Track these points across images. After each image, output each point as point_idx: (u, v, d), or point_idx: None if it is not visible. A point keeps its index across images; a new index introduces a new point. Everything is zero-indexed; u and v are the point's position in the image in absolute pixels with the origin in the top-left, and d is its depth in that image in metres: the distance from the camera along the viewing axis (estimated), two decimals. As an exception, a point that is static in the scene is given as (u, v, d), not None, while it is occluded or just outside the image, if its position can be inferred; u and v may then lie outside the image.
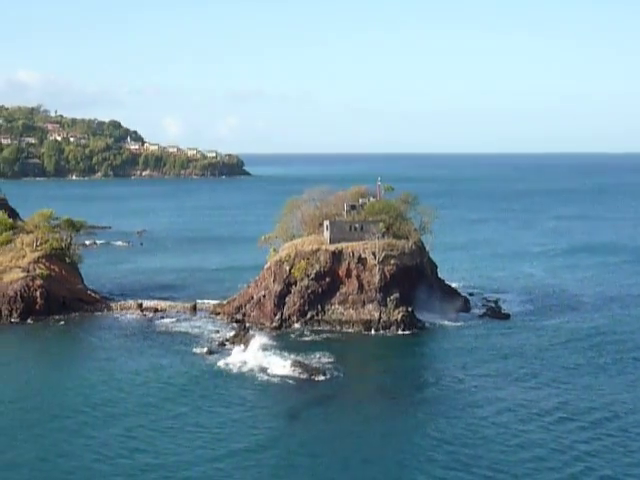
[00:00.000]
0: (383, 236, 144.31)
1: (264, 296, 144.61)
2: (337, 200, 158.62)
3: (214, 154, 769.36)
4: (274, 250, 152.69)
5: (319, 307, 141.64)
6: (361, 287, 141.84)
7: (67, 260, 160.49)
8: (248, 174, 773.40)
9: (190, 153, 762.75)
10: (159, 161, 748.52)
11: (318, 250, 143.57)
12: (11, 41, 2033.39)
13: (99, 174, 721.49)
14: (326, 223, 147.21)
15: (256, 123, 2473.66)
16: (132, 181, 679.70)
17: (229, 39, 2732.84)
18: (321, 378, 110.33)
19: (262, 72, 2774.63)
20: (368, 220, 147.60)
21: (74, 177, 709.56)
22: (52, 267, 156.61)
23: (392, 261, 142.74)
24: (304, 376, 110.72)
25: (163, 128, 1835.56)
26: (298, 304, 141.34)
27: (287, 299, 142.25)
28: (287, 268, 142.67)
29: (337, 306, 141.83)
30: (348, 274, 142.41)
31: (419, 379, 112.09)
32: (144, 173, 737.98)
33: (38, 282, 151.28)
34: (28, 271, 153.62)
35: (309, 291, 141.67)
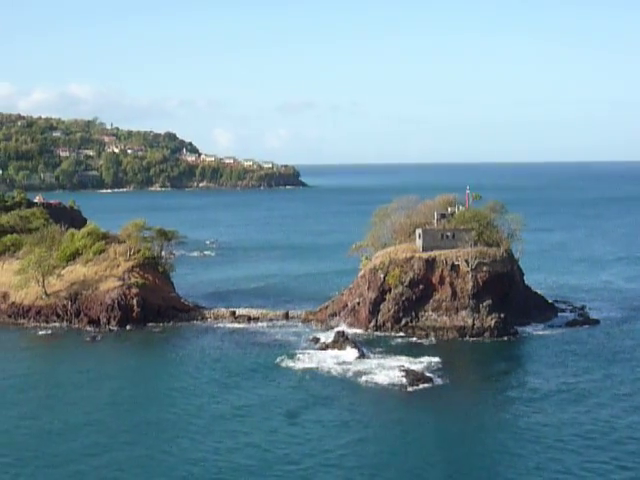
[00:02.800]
0: (475, 244, 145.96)
1: (359, 303, 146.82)
2: (426, 209, 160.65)
3: (270, 165, 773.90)
4: (366, 258, 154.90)
5: (413, 314, 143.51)
6: (454, 294, 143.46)
7: (160, 269, 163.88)
8: (304, 185, 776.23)
9: (246, 164, 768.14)
10: (215, 172, 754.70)
11: (412, 258, 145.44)
12: (63, 55, 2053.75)
13: (156, 186, 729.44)
14: (418, 231, 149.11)
15: (306, 134, 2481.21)
16: (189, 192, 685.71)
17: (279, 51, 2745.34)
18: (424, 383, 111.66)
19: (312, 84, 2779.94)
20: (459, 228, 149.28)
21: (132, 189, 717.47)
22: (146, 276, 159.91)
23: (484, 268, 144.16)
24: (407, 381, 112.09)
25: (213, 139, 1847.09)
26: (392, 311, 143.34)
27: (382, 306, 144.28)
28: (381, 276, 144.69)
29: (431, 313, 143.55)
30: (441, 281, 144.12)
31: (522, 385, 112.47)
32: (201, 184, 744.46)
33: (134, 291, 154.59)
34: (123, 280, 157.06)
35: (403, 298, 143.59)
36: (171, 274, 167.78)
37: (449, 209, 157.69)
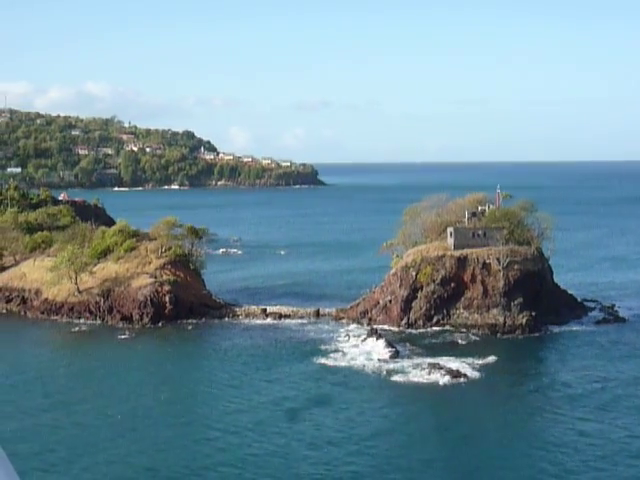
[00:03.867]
0: (507, 242, 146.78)
1: (390, 301, 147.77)
2: (456, 207, 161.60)
3: (288, 163, 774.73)
4: (397, 256, 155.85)
5: (445, 311, 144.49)
6: (486, 292, 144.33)
7: (191, 266, 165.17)
8: (323, 183, 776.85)
9: (265, 163, 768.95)
10: (234, 171, 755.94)
11: (443, 256, 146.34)
12: (79, 54, 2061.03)
13: (175, 184, 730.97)
14: (450, 230, 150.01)
15: (322, 133, 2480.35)
16: (208, 191, 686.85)
17: (294, 50, 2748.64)
18: (458, 380, 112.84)
19: (328, 82, 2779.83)
20: (490, 227, 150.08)
21: (150, 187, 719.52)
22: (177, 273, 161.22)
23: (515, 267, 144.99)
24: (441, 378, 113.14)
25: (230, 138, 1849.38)
26: (424, 308, 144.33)
27: (413, 303, 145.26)
28: (413, 273, 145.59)
29: (462, 310, 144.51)
30: (473, 279, 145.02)
31: (555, 381, 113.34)
32: (219, 183, 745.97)
33: (166, 288, 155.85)
34: (155, 277, 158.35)
35: (435, 296, 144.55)
36: (202, 271, 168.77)
37: (479, 208, 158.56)
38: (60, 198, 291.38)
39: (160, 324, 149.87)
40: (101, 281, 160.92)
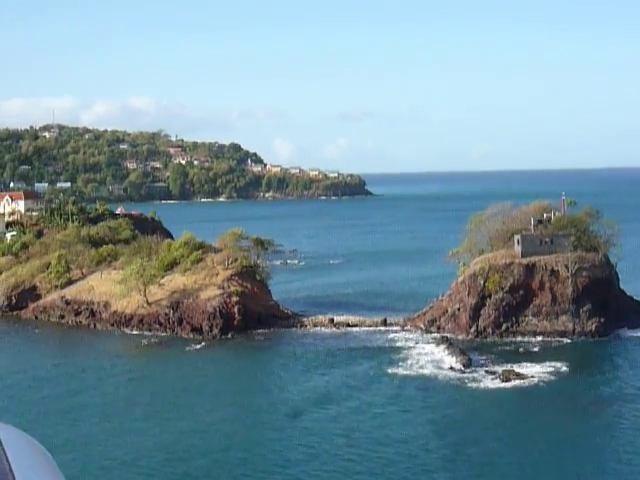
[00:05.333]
0: (575, 249, 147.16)
1: (459, 309, 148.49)
2: (521, 215, 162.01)
3: (336, 174, 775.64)
4: (463, 264, 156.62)
5: (513, 319, 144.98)
6: (554, 299, 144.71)
7: (257, 277, 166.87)
8: (370, 194, 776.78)
9: (312, 174, 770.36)
10: (281, 182, 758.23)
11: (511, 264, 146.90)
12: (122, 68, 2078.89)
13: (223, 196, 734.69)
14: (517, 237, 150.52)
15: (366, 143, 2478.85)
16: (257, 202, 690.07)
17: (337, 62, 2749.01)
18: (537, 386, 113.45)
19: (371, 93, 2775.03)
20: (557, 234, 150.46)
21: (199, 199, 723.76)
22: (245, 284, 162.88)
23: (584, 273, 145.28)
24: (518, 385, 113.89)
25: (273, 149, 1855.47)
26: (493, 316, 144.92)
27: (482, 311, 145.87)
28: (481, 281, 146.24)
29: (531, 317, 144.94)
30: (541, 286, 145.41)
31: (630, 386, 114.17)
32: (267, 194, 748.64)
33: (235, 299, 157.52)
34: (223, 288, 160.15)
35: (504, 303, 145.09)
36: (267, 282, 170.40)
37: (545, 215, 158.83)
38: (117, 212, 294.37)
39: (230, 335, 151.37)
40: (169, 293, 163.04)
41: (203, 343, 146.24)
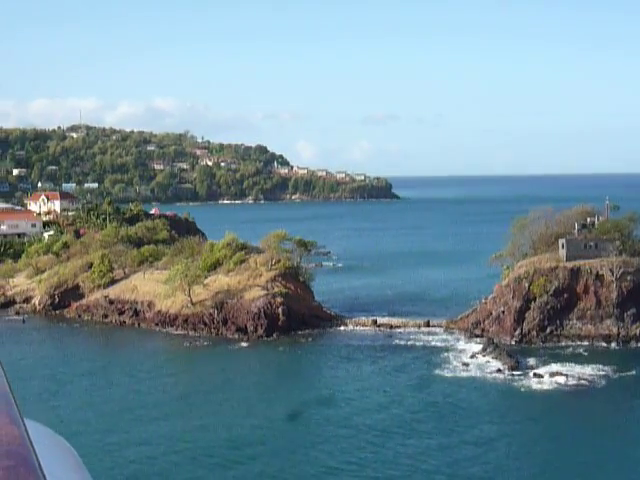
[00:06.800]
0: (620, 253, 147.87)
1: (503, 312, 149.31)
2: (564, 219, 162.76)
3: (362, 177, 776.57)
4: (507, 267, 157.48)
5: (558, 322, 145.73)
6: (599, 303, 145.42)
7: (300, 279, 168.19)
8: (397, 197, 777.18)
9: (339, 176, 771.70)
10: (308, 185, 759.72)
11: (556, 267, 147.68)
12: (146, 69, 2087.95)
13: (250, 198, 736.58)
14: (562, 241, 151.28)
15: (390, 146, 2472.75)
16: (284, 204, 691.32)
17: (362, 66, 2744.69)
18: (586, 389, 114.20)
19: (396, 96, 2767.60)
20: (602, 238, 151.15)
21: (226, 201, 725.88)
22: (288, 285, 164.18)
23: (628, 277, 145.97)
24: (567, 388, 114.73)
25: (297, 152, 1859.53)
26: (538, 319, 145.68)
27: (527, 315, 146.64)
28: (526, 285, 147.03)
29: (575, 321, 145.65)
30: (586, 290, 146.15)
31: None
32: (294, 197, 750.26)
33: (279, 300, 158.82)
34: (267, 289, 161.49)
35: (548, 307, 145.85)
36: (310, 283, 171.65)
37: (588, 219, 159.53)
38: (152, 212, 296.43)
39: (274, 335, 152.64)
40: (214, 293, 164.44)
41: (248, 343, 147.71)
